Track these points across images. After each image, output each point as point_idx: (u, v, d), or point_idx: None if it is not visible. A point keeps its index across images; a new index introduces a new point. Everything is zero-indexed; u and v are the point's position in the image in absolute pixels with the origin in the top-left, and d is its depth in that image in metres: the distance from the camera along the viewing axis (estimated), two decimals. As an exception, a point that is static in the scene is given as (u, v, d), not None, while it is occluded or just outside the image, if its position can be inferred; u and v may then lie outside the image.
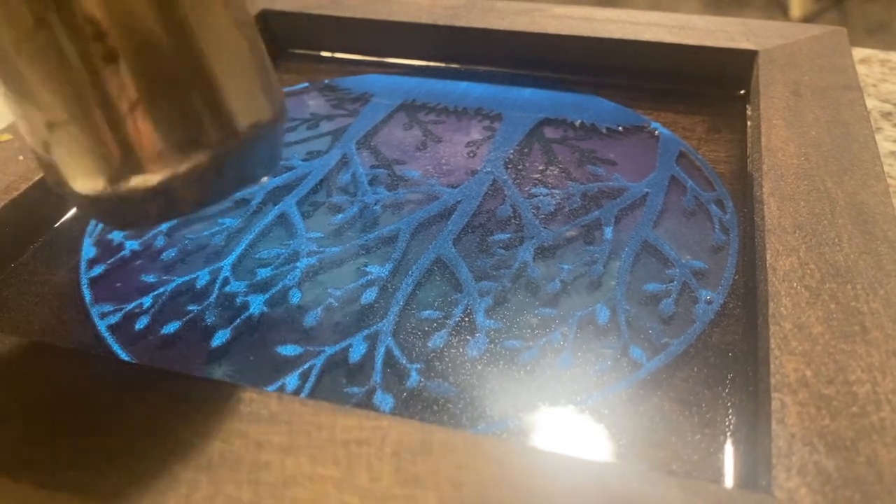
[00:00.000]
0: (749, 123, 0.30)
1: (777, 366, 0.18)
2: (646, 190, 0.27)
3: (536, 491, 0.15)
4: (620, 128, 0.30)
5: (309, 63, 0.37)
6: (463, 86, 0.34)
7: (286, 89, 0.34)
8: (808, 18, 1.78)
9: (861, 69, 0.38)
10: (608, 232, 0.25)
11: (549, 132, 0.30)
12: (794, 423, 0.16)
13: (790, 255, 0.21)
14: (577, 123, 0.31)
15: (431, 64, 0.36)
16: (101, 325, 0.22)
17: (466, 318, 0.22)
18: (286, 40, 0.38)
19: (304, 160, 0.29)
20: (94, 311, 0.23)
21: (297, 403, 0.17)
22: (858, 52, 0.39)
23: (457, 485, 0.15)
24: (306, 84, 0.35)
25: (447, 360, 0.21)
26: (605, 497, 0.15)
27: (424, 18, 0.35)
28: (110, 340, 0.22)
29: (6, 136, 0.27)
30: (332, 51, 0.37)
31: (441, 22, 0.35)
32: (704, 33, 0.33)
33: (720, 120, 0.31)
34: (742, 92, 0.32)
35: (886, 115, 0.34)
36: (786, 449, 0.16)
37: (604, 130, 0.30)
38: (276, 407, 0.17)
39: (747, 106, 0.31)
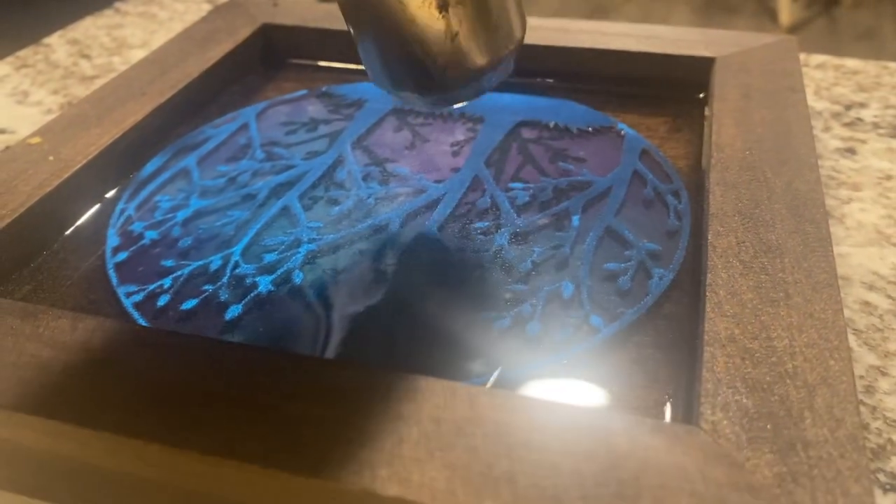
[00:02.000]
0: (706, 123, 0.33)
1: (711, 325, 0.21)
2: (610, 183, 0.30)
3: (501, 424, 0.18)
4: (590, 128, 0.34)
5: (308, 72, 0.40)
6: (448, 92, 0.37)
7: (287, 97, 0.37)
8: (797, 25, 1.83)
9: (816, 74, 0.41)
10: (575, 220, 0.28)
11: (526, 133, 0.34)
12: (722, 371, 0.19)
13: (729, 234, 0.24)
14: (552, 125, 0.34)
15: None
16: (127, 303, 0.25)
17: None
18: (286, 52, 0.41)
19: (304, 159, 0.32)
20: (121, 291, 0.26)
21: (315, 362, 0.20)
22: (815, 59, 0.43)
23: (435, 420, 0.18)
24: (305, 91, 0.38)
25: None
26: (561, 428, 0.18)
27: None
28: (136, 315, 0.25)
29: (36, 140, 0.30)
30: (330, 61, 0.41)
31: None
32: (668, 42, 0.36)
33: (681, 121, 0.34)
34: (701, 95, 0.35)
35: (836, 116, 0.37)
36: (712, 390, 0.19)
37: (574, 131, 0.33)
38: (286, 364, 0.20)
39: (706, 108, 0.34)
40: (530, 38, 0.37)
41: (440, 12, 0.21)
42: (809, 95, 0.39)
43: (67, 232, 0.29)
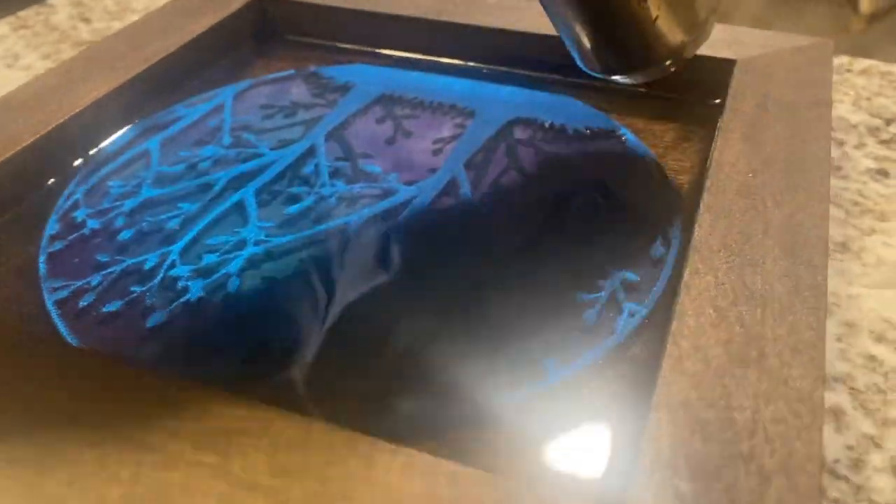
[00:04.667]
0: (717, 134, 0.30)
1: (664, 385, 0.18)
2: (595, 196, 0.27)
3: (394, 491, 0.16)
4: (588, 131, 0.30)
5: (301, 50, 0.38)
6: (443, 80, 0.34)
7: (271, 76, 0.35)
8: (877, 14, 1.72)
9: (858, 80, 0.37)
10: (549, 237, 0.25)
11: (519, 132, 0.31)
12: (665, 444, 0.17)
13: (708, 274, 0.21)
14: (547, 125, 0.31)
15: (419, 56, 0.36)
16: (49, 300, 0.23)
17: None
18: (283, 27, 0.38)
19: (272, 148, 0.30)
20: (46, 286, 0.24)
21: (197, 389, 0.18)
22: (860, 63, 0.38)
23: (323, 480, 0.16)
24: (293, 72, 0.35)
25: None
26: (458, 496, 0.15)
27: (412, 11, 0.35)
28: (54, 313, 0.23)
29: (-12, 113, 0.28)
30: (325, 38, 0.38)
31: (430, 16, 0.35)
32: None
33: (691, 128, 0.31)
34: (717, 101, 0.32)
35: (873, 131, 0.33)
36: (648, 468, 0.16)
37: (571, 133, 0.30)
38: (173, 389, 0.18)
39: (720, 116, 0.31)
40: (535, 27, 0.34)
41: (640, 2, 0.23)
42: (846, 105, 0.35)
43: (7, 216, 0.27)
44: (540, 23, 0.34)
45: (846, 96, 0.36)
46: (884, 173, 0.31)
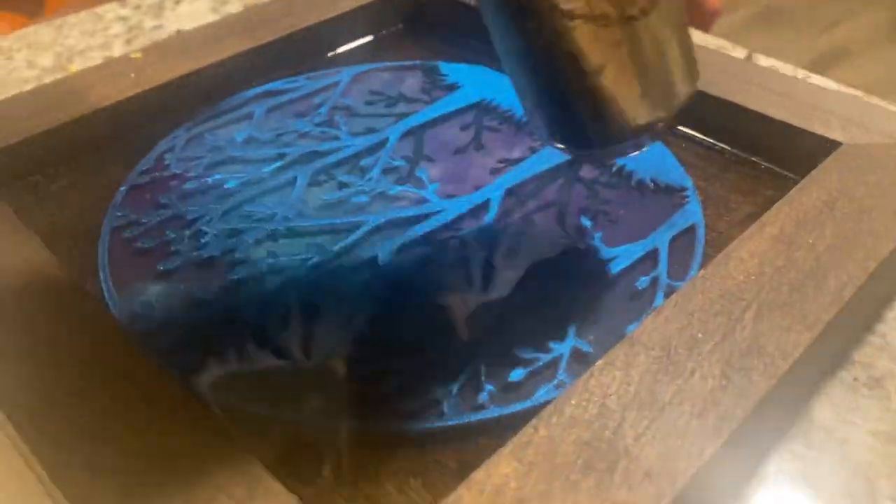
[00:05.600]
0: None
1: (493, 463, 0.18)
2: (614, 255, 0.26)
3: None
4: (653, 184, 0.29)
5: (441, 42, 0.39)
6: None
7: (394, 63, 0.37)
8: None
9: None
10: (536, 287, 0.25)
11: (586, 171, 0.30)
12: (451, 522, 0.17)
13: (622, 369, 0.20)
14: (616, 168, 0.30)
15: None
16: (107, 225, 0.28)
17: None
18: (431, 15, 0.40)
19: (352, 134, 0.32)
20: (111, 214, 0.29)
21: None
22: None
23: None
24: (417, 62, 0.37)
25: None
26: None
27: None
28: (104, 236, 0.27)
29: (137, 55, 0.34)
30: (467, 33, 0.39)
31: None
32: (803, 106, 0.29)
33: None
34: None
35: None
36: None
37: (634, 184, 0.29)
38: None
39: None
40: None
41: (593, 77, 0.20)
42: None
43: (118, 145, 0.32)
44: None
45: None
46: None
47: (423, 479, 0.20)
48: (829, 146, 0.28)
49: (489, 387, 0.22)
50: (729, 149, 0.31)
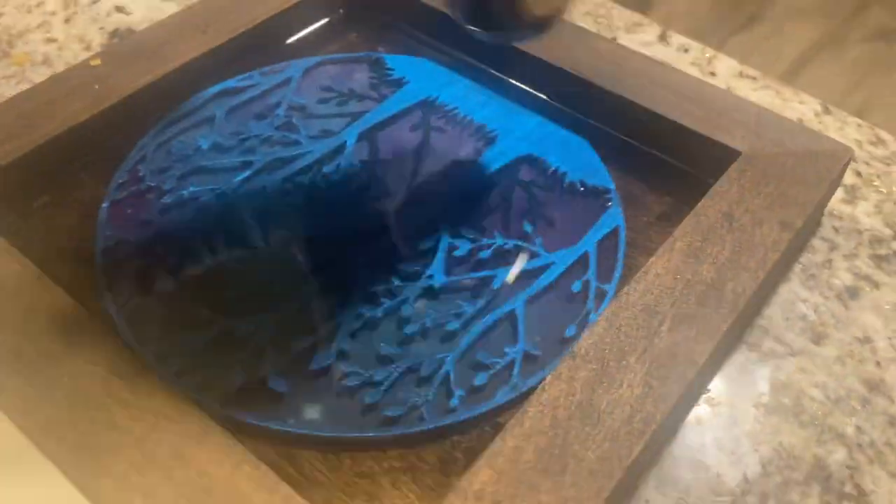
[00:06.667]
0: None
1: (473, 472, 0.23)
2: (552, 261, 0.31)
3: None
4: (582, 187, 0.33)
5: (384, 31, 0.41)
6: (486, 95, 0.37)
7: (340, 56, 0.39)
8: None
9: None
10: (488, 293, 0.30)
11: (524, 172, 0.34)
12: (444, 523, 0.22)
13: (567, 382, 0.25)
14: (551, 171, 0.34)
15: (483, 66, 0.39)
16: (99, 244, 0.31)
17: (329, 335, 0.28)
18: (373, 3, 0.42)
19: (311, 138, 0.35)
20: (99, 234, 0.31)
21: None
22: (914, 157, 0.38)
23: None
24: (362, 54, 0.39)
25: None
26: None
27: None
28: (98, 257, 0.30)
29: (96, 62, 0.35)
30: (409, 23, 0.41)
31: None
32: (713, 112, 0.34)
33: (686, 208, 0.32)
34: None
35: (875, 243, 0.34)
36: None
37: (565, 185, 0.34)
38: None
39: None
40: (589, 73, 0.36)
41: None
42: (867, 206, 0.35)
43: (89, 158, 0.34)
44: (609, 71, 0.36)
45: (875, 195, 0.36)
46: (854, 293, 0.32)
47: (411, 475, 0.25)
48: (731, 155, 0.33)
49: (459, 391, 0.27)
50: (646, 149, 0.35)
